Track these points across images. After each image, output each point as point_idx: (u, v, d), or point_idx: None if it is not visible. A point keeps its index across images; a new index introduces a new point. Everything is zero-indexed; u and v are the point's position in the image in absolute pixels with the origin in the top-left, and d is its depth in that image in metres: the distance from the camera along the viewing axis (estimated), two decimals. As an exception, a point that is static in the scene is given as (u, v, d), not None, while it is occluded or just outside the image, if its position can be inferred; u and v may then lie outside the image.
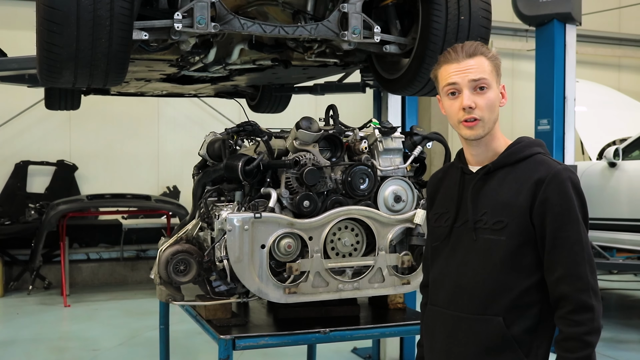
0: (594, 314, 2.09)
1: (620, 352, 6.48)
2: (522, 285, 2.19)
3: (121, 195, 9.24)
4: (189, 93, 6.30)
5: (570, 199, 2.14)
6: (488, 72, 2.23)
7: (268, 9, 3.97)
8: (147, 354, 6.30)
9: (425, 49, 3.71)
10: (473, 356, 2.24)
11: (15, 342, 6.88)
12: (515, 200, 2.19)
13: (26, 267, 9.28)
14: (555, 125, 6.45)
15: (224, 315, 3.42)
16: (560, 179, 2.15)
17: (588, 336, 2.08)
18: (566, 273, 2.12)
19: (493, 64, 2.25)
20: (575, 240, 2.13)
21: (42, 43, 3.08)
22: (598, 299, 2.12)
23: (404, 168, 3.49)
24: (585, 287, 2.10)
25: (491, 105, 2.22)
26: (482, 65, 2.22)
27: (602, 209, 7.37)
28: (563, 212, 2.13)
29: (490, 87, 2.22)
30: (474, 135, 2.24)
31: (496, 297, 2.21)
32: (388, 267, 3.40)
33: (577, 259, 2.12)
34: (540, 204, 2.15)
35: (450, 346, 2.30)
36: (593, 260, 2.16)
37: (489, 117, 2.22)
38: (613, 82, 13.24)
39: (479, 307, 2.23)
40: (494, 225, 2.21)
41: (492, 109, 2.23)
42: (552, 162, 2.22)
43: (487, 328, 2.21)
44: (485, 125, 2.23)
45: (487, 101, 2.22)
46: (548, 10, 6.39)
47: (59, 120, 10.14)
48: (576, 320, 2.09)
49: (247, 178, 3.27)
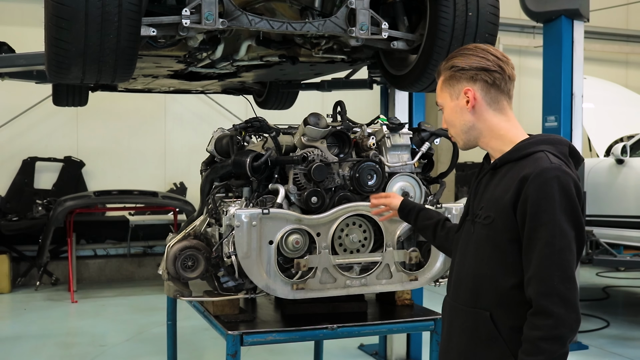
0: (555, 320, 1.99)
1: (627, 350, 6.47)
2: (509, 282, 2.15)
3: (128, 192, 9.25)
4: (196, 89, 6.30)
5: (550, 199, 2.05)
6: (439, 92, 2.37)
7: (276, 5, 3.96)
8: (154, 350, 6.32)
9: (432, 45, 3.71)
10: (465, 346, 2.26)
11: (22, 337, 6.91)
12: (504, 196, 2.16)
13: (34, 263, 9.32)
14: (562, 122, 6.44)
15: (232, 311, 3.42)
16: (544, 178, 2.07)
17: (542, 342, 2.00)
18: (533, 275, 2.05)
19: (445, 77, 2.33)
20: (547, 242, 2.03)
21: (51, 39, 3.09)
22: (568, 307, 2.00)
23: (412, 164, 3.49)
24: (548, 292, 2.01)
25: (448, 122, 2.37)
26: (438, 87, 2.38)
27: (610, 206, 7.35)
28: (539, 212, 2.05)
29: (444, 106, 2.36)
30: (460, 148, 2.42)
31: (484, 291, 2.21)
32: (396, 263, 3.40)
33: (546, 262, 2.03)
34: (522, 203, 2.10)
35: (450, 335, 2.35)
36: (568, 266, 2.03)
37: (454, 132, 2.37)
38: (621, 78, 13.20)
39: (470, 299, 2.25)
40: (484, 219, 2.22)
41: (451, 124, 2.36)
42: (546, 160, 2.12)
43: (476, 321, 2.22)
44: (457, 139, 2.37)
45: (445, 120, 2.38)
46: (556, 6, 6.38)
47: (66, 116, 10.17)
48: (534, 323, 2.03)
49: (255, 174, 3.27)
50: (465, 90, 2.27)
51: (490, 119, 2.28)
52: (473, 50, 2.29)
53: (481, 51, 2.28)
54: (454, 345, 2.31)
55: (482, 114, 2.28)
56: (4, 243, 9.26)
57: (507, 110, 2.30)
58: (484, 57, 2.26)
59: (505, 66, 2.27)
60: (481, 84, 2.26)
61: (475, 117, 2.28)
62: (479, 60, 2.26)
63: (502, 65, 2.26)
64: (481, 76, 2.25)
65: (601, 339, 6.78)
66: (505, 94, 2.29)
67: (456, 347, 2.30)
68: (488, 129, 2.29)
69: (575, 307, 2.03)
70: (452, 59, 2.31)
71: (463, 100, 2.28)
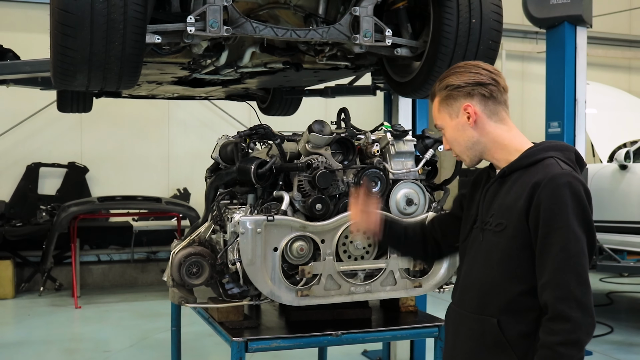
0: (572, 325, 2.02)
1: (632, 356, 6.46)
2: (518, 288, 2.18)
3: (132, 198, 9.26)
4: (199, 96, 6.32)
5: (562, 205, 2.08)
6: (437, 114, 2.39)
7: (280, 12, 3.98)
8: (158, 356, 6.32)
9: (436, 52, 3.72)
10: (471, 354, 2.28)
11: (26, 343, 6.91)
12: (516, 203, 2.18)
13: (37, 268, 9.32)
14: (565, 127, 6.44)
15: (237, 317, 3.43)
16: (556, 183, 2.10)
17: (561, 347, 2.02)
18: (549, 280, 2.07)
19: (440, 98, 2.35)
20: (562, 247, 2.06)
21: (56, 46, 3.10)
22: (584, 311, 2.04)
23: (416, 171, 3.49)
24: (565, 296, 2.04)
25: (452, 142, 2.37)
26: (434, 110, 2.40)
27: (613, 212, 7.34)
28: (553, 217, 2.09)
29: (444, 127, 2.38)
30: (467, 166, 2.41)
31: (492, 298, 2.22)
32: (400, 270, 3.40)
33: (561, 267, 2.06)
34: (535, 209, 2.12)
35: (455, 342, 2.36)
36: (583, 271, 2.07)
37: (459, 151, 2.37)
38: (624, 84, 13.19)
39: (477, 306, 2.26)
40: (495, 227, 2.23)
41: (455, 143, 2.36)
42: (557, 166, 2.16)
43: (483, 328, 2.23)
44: (463, 156, 2.38)
45: (447, 141, 2.39)
46: (559, 12, 6.38)
47: (70, 122, 10.19)
48: (552, 328, 2.05)
49: (260, 181, 3.28)
50: (464, 107, 2.29)
51: (493, 130, 2.30)
52: (464, 68, 2.33)
53: (472, 67, 2.32)
54: (460, 352, 2.33)
55: (484, 127, 2.30)
56: (7, 249, 9.27)
57: (507, 120, 2.33)
58: (476, 72, 2.30)
59: (498, 78, 2.31)
60: (479, 98, 2.29)
61: (478, 131, 2.30)
62: (473, 76, 2.29)
63: (495, 78, 2.30)
64: (478, 90, 2.28)
65: (605, 344, 6.76)
66: (502, 105, 2.32)
67: (462, 354, 2.32)
68: (492, 141, 2.31)
69: (591, 312, 2.06)
70: (445, 79, 2.33)
71: (464, 117, 2.30)
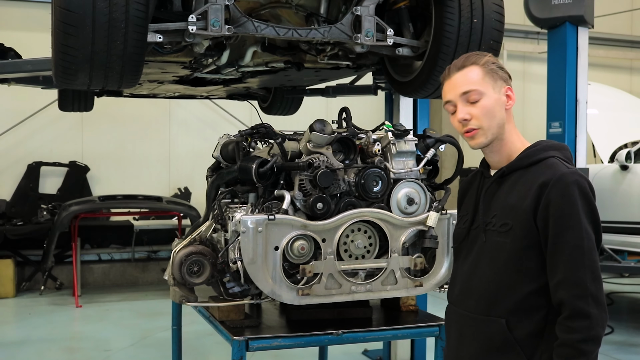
0: (591, 321, 2.04)
1: (632, 356, 6.46)
2: (526, 288, 2.18)
3: (133, 197, 9.26)
4: (201, 95, 6.32)
5: (573, 204, 2.11)
6: (479, 80, 2.26)
7: (281, 11, 3.98)
8: (159, 355, 6.32)
9: (438, 51, 3.72)
10: (478, 355, 2.28)
11: (27, 342, 6.92)
12: (521, 203, 2.19)
13: (38, 267, 9.33)
14: (567, 128, 6.43)
15: (237, 316, 3.43)
16: (565, 182, 2.13)
17: (583, 344, 2.04)
18: (564, 278, 2.09)
19: (486, 69, 2.28)
20: (575, 245, 2.08)
21: (58, 45, 3.10)
22: (600, 307, 2.06)
23: (417, 171, 3.49)
24: (582, 294, 2.06)
25: (488, 112, 2.25)
26: (471, 76, 2.26)
27: (614, 212, 7.35)
28: (564, 216, 2.10)
29: (484, 95, 2.25)
30: (477, 145, 2.29)
31: (500, 298, 2.23)
32: (401, 269, 3.40)
33: (577, 265, 2.08)
34: (544, 208, 2.14)
35: (460, 344, 2.35)
36: (596, 267, 2.10)
37: (489, 124, 2.26)
38: (625, 84, 13.19)
39: (484, 308, 2.26)
40: (500, 227, 2.24)
41: (491, 115, 2.25)
42: (561, 165, 2.19)
43: (490, 329, 2.23)
44: (487, 132, 2.26)
45: (481, 109, 2.25)
46: (560, 12, 6.38)
47: (71, 121, 10.20)
48: (571, 326, 2.06)
49: (261, 180, 3.28)
50: (507, 88, 2.30)
51: (511, 122, 2.33)
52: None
53: None
54: (465, 354, 2.32)
55: (509, 116, 2.32)
56: (8, 247, 9.27)
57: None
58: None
59: None
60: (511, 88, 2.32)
61: (507, 117, 2.31)
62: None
63: None
64: (509, 82, 2.32)
65: (606, 345, 6.74)
66: None
67: (468, 356, 2.31)
68: (508, 132, 2.32)
69: (605, 306, 2.09)
70: (487, 56, 2.32)
71: (504, 96, 2.30)
